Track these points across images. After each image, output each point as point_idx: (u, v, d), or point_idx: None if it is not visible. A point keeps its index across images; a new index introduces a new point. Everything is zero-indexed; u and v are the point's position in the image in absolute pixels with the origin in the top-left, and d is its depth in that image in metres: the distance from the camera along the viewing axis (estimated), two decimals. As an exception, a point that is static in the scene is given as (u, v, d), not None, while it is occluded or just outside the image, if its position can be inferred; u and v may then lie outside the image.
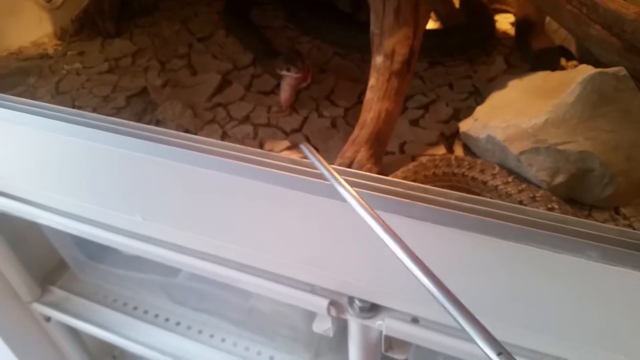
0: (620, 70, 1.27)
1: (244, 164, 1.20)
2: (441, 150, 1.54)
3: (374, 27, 1.51)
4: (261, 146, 1.61)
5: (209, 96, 1.79)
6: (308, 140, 1.62)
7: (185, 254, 1.48)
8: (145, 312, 2.06)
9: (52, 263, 2.17)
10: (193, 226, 1.40)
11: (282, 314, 1.87)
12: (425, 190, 1.04)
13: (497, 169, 1.32)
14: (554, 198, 1.21)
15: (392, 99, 1.44)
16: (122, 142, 1.14)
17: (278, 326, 1.91)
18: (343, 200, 0.90)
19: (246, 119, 1.70)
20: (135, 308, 2.08)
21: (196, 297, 2.03)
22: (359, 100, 1.69)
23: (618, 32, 1.45)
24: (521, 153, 1.29)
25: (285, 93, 1.66)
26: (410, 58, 1.47)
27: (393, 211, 1.05)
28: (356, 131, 1.43)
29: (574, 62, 1.81)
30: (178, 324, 2.01)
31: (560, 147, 1.26)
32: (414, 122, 1.64)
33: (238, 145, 1.23)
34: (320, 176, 1.08)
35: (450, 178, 1.38)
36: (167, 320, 2.03)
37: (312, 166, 1.12)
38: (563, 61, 1.83)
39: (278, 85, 1.78)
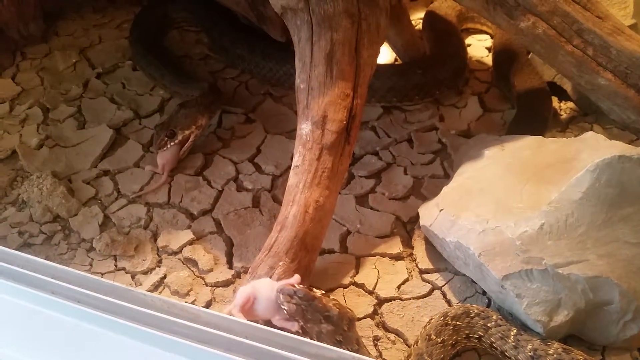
0: (649, 153, 0.87)
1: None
2: (396, 245, 1.12)
3: (299, 80, 1.09)
4: (155, 238, 1.19)
5: (95, 160, 1.36)
6: (220, 228, 1.20)
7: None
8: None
9: None
10: None
11: None
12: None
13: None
14: None
15: (323, 185, 1.02)
16: None
17: None
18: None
19: (139, 196, 1.27)
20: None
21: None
22: (293, 163, 1.26)
23: (637, 81, 1.05)
24: (506, 277, 0.89)
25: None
26: (350, 124, 1.05)
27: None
28: (274, 233, 1.01)
29: (570, 105, 1.41)
30: None
31: (563, 271, 0.86)
32: (362, 199, 1.23)
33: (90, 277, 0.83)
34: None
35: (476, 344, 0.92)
36: None
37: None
38: (555, 101, 1.42)
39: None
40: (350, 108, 1.05)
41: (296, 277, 0.89)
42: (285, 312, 0.85)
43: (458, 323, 0.89)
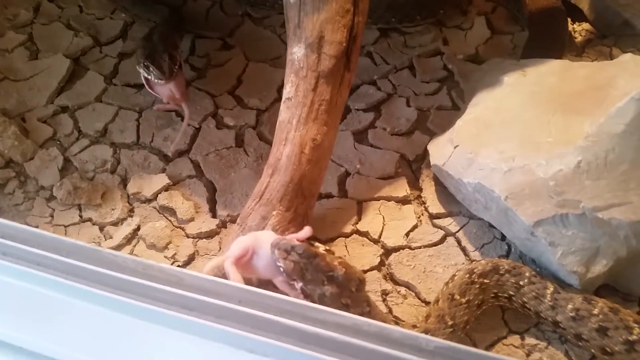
0: None
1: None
2: (402, 187, 1.00)
3: (288, -6, 0.92)
4: (124, 183, 1.04)
5: (51, 95, 1.18)
6: (199, 171, 1.05)
7: None
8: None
9: None
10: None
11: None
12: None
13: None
14: None
15: (321, 120, 0.87)
16: None
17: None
18: None
19: (103, 135, 1.11)
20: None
21: None
22: (280, 95, 1.10)
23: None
24: (537, 224, 0.77)
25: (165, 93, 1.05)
26: (350, 47, 0.89)
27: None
28: (264, 178, 0.87)
29: (586, 26, 1.27)
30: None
31: (603, 215, 0.75)
32: (360, 136, 1.09)
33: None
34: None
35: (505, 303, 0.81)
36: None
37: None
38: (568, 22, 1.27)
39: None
40: (350, 27, 0.89)
41: (307, 230, 0.76)
42: (281, 270, 0.72)
43: (485, 281, 0.77)
